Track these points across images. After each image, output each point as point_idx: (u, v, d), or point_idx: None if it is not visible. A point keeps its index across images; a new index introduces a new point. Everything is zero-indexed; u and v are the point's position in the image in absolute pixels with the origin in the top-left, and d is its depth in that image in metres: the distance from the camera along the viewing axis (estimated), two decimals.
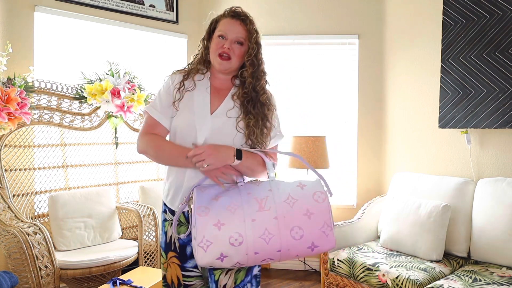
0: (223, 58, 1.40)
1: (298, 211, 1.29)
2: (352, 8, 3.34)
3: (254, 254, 1.26)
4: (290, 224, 1.27)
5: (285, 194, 1.32)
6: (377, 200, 2.96)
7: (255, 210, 1.27)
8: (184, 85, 1.44)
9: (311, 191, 1.33)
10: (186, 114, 1.41)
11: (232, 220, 1.25)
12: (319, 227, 1.29)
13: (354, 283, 2.40)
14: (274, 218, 1.27)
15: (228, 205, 1.28)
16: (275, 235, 1.26)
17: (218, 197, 1.31)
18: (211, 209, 1.27)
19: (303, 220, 1.28)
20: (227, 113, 1.41)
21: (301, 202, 1.30)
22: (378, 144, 3.35)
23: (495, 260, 2.29)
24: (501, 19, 2.44)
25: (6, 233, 2.27)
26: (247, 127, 1.40)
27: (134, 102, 2.92)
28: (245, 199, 1.30)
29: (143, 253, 2.71)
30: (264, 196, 1.30)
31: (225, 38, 1.40)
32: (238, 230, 1.24)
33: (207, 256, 1.24)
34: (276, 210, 1.27)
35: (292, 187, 1.34)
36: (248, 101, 1.42)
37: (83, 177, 2.96)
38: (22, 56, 2.72)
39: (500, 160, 2.55)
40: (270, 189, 1.33)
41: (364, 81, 3.35)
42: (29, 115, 2.45)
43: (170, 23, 3.49)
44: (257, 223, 1.26)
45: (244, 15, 1.43)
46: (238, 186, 1.36)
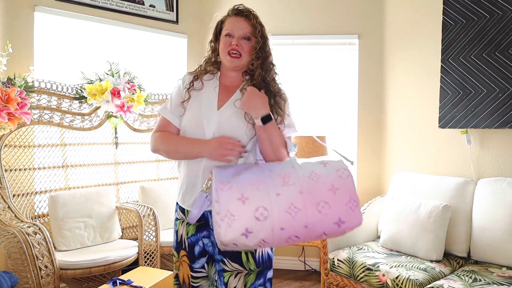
0: (233, 56, 1.42)
1: (323, 186, 1.25)
2: (352, 8, 3.34)
3: (280, 229, 1.21)
4: (316, 198, 1.23)
5: (308, 170, 1.28)
6: (377, 200, 2.96)
7: (280, 185, 1.23)
8: (193, 85, 1.47)
9: (334, 168, 1.30)
10: (193, 111, 1.44)
11: (257, 194, 1.20)
12: (345, 202, 1.25)
13: (354, 283, 2.40)
14: (299, 193, 1.22)
15: (251, 181, 1.23)
16: (301, 209, 1.21)
17: (240, 173, 1.26)
18: (233, 184, 1.22)
19: (328, 195, 1.24)
20: (234, 103, 1.42)
21: (325, 177, 1.27)
22: (378, 144, 3.35)
23: (495, 260, 2.29)
24: (501, 19, 2.44)
25: (6, 233, 2.27)
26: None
27: (134, 102, 2.92)
28: (268, 175, 1.25)
29: (143, 253, 2.72)
30: (287, 172, 1.26)
31: (232, 36, 1.43)
32: (263, 203, 1.19)
33: (232, 232, 1.18)
34: (301, 185, 1.24)
35: (314, 165, 1.31)
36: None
37: (83, 177, 2.96)
38: (22, 56, 2.72)
39: (500, 160, 2.55)
40: (292, 166, 1.29)
41: (364, 81, 3.35)
42: (29, 115, 2.45)
43: (170, 23, 3.49)
44: (283, 197, 1.21)
45: (247, 11, 1.47)
46: (259, 164, 1.33)
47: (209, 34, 3.65)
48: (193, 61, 3.61)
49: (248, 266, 1.40)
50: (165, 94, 3.26)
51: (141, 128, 3.16)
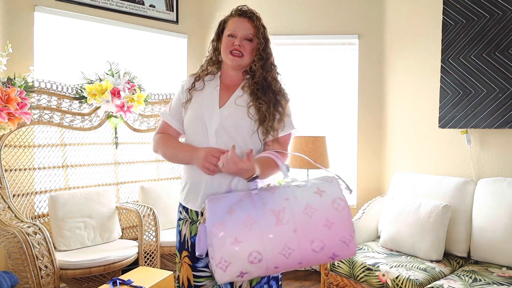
0: (235, 55, 1.43)
1: (317, 222, 1.22)
2: (352, 8, 3.34)
3: (274, 268, 1.23)
4: (310, 236, 1.21)
5: (303, 203, 1.24)
6: (377, 200, 2.96)
7: (273, 225, 1.21)
8: (194, 86, 1.50)
9: (330, 198, 1.25)
10: (194, 110, 1.46)
11: (250, 237, 1.19)
12: (339, 238, 1.23)
13: (354, 283, 2.40)
14: (293, 232, 1.21)
15: (243, 220, 1.21)
16: (295, 249, 1.21)
17: (232, 210, 1.24)
18: (226, 225, 1.21)
19: (323, 231, 1.22)
20: (235, 101, 1.43)
21: (320, 212, 1.23)
22: (378, 144, 3.35)
23: (495, 260, 2.29)
24: (501, 19, 2.44)
25: (6, 233, 2.27)
26: (258, 112, 1.40)
27: (134, 102, 2.92)
28: (261, 212, 1.23)
29: (143, 253, 2.71)
30: (281, 207, 1.23)
31: (234, 36, 1.44)
32: (256, 248, 1.19)
33: (227, 276, 1.21)
34: (295, 223, 1.21)
35: (310, 195, 1.26)
36: (258, 89, 1.44)
37: (83, 177, 2.96)
38: (22, 56, 2.72)
39: (500, 160, 2.55)
40: (286, 198, 1.25)
41: (364, 81, 3.35)
42: (29, 115, 2.45)
43: (170, 23, 3.49)
44: (276, 239, 1.20)
45: (250, 12, 1.48)
46: (252, 195, 1.29)
47: (209, 34, 3.66)
48: (193, 61, 3.61)
49: None
50: (165, 94, 3.26)
51: (141, 128, 3.16)
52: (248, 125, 1.40)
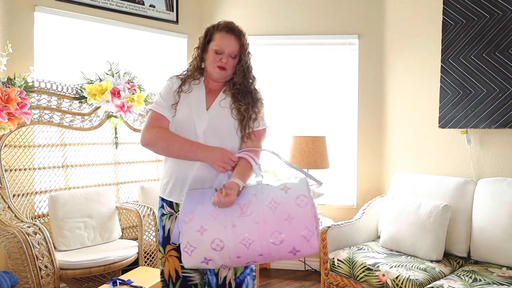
0: (221, 69, 1.55)
1: (279, 216, 1.29)
2: (352, 8, 3.34)
3: (237, 257, 1.31)
4: (271, 229, 1.28)
5: (269, 198, 1.33)
6: (377, 200, 2.96)
7: (237, 216, 1.30)
8: (182, 89, 1.57)
9: (294, 194, 1.33)
10: (183, 111, 1.54)
11: (214, 225, 1.30)
12: (300, 233, 1.28)
13: (354, 283, 2.40)
14: (255, 223, 1.29)
15: (211, 211, 1.32)
16: (255, 240, 1.29)
17: (204, 202, 1.35)
18: (195, 215, 1.32)
19: (283, 225, 1.28)
20: (220, 103, 1.56)
21: (283, 206, 1.30)
22: (378, 144, 3.35)
23: (495, 260, 2.29)
24: (501, 19, 2.44)
25: (6, 233, 2.26)
26: (238, 113, 1.54)
27: (134, 102, 2.92)
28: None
29: (143, 253, 2.71)
30: (247, 201, 1.33)
31: (222, 53, 1.54)
32: (218, 235, 1.29)
33: (192, 260, 1.32)
34: (258, 215, 1.30)
35: (276, 190, 1.35)
36: (239, 93, 1.57)
37: (83, 177, 2.96)
38: (22, 56, 2.71)
39: (500, 160, 2.55)
40: (254, 193, 1.36)
41: (364, 81, 3.35)
42: (29, 115, 2.45)
43: (170, 23, 3.49)
44: (238, 229, 1.29)
45: (238, 30, 1.57)
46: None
47: None
48: None
49: None
50: None
51: (141, 128, 3.16)
52: (232, 124, 1.54)
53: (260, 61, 3.55)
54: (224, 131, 1.53)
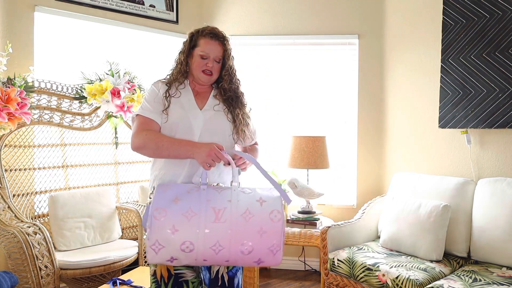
0: (207, 74, 1.59)
1: (252, 227, 1.32)
2: (352, 8, 3.34)
3: (203, 260, 1.32)
4: (242, 239, 1.31)
5: (244, 207, 1.34)
6: (377, 200, 2.96)
7: (211, 221, 1.31)
8: (169, 94, 1.58)
9: (269, 208, 1.36)
10: (177, 112, 1.55)
11: (187, 227, 1.29)
12: (268, 246, 1.33)
13: (354, 283, 2.40)
14: (228, 230, 1.31)
15: (185, 211, 1.30)
16: (225, 247, 1.30)
17: (177, 200, 1.33)
18: (168, 213, 1.30)
19: (255, 237, 1.32)
20: (214, 108, 1.60)
21: (257, 218, 1.33)
22: (378, 144, 3.35)
23: (495, 260, 2.29)
24: (501, 19, 2.44)
25: (6, 233, 2.27)
26: (235, 118, 1.59)
27: (134, 102, 2.92)
28: (203, 208, 1.32)
29: (143, 253, 2.71)
30: (222, 207, 1.33)
31: (207, 58, 1.57)
32: (190, 238, 1.28)
33: (157, 258, 1.31)
34: (231, 224, 1.31)
35: (252, 201, 1.37)
36: (232, 99, 1.62)
37: (83, 177, 2.96)
38: (22, 56, 2.71)
39: (500, 160, 2.55)
40: (230, 200, 1.36)
41: (364, 81, 3.35)
42: (29, 115, 2.45)
43: (170, 23, 3.49)
44: (210, 234, 1.29)
45: (222, 36, 1.60)
46: (200, 189, 1.38)
47: None
48: None
49: None
50: None
51: None
52: (227, 127, 1.59)
53: (260, 61, 3.55)
54: (220, 133, 1.57)
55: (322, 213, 3.25)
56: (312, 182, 3.26)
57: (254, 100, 3.30)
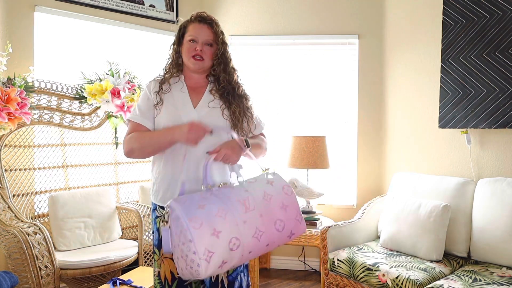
0: (197, 59, 1.52)
1: (275, 205, 1.40)
2: (352, 8, 3.34)
3: (248, 253, 1.33)
4: (273, 218, 1.37)
5: (261, 192, 1.40)
6: (377, 200, 2.96)
7: (243, 212, 1.32)
8: (162, 88, 1.54)
9: (280, 186, 1.45)
10: (169, 111, 1.51)
11: (226, 225, 1.28)
12: (294, 217, 1.43)
13: (354, 283, 2.40)
14: (260, 216, 1.34)
15: (216, 212, 1.29)
16: (264, 231, 1.34)
17: (202, 206, 1.30)
18: (202, 218, 1.26)
19: (281, 213, 1.40)
20: (208, 105, 1.54)
21: (275, 197, 1.41)
22: (378, 144, 3.35)
23: (495, 260, 2.29)
24: (501, 19, 2.44)
25: (6, 233, 2.26)
26: (233, 115, 1.53)
27: (134, 102, 2.92)
28: (229, 203, 1.32)
29: (143, 253, 2.71)
30: (245, 197, 1.36)
31: (196, 41, 1.53)
32: (235, 234, 1.28)
33: (211, 268, 1.24)
34: (260, 208, 1.36)
35: (264, 185, 1.43)
36: (228, 93, 1.55)
37: (83, 177, 2.96)
38: (22, 56, 2.71)
39: (500, 160, 2.55)
40: (246, 190, 1.39)
41: (364, 81, 3.35)
42: (29, 115, 2.45)
43: (170, 23, 3.49)
44: (248, 224, 1.32)
45: (210, 19, 1.57)
46: (213, 192, 1.37)
47: None
48: None
49: None
50: None
51: None
52: (224, 125, 1.53)
53: (260, 61, 3.55)
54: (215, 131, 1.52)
55: (322, 213, 3.25)
56: (312, 182, 3.26)
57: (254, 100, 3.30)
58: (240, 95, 1.58)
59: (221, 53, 1.55)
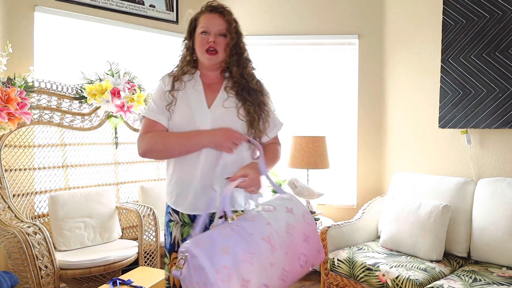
0: (210, 52, 1.41)
1: (298, 238, 1.27)
2: (352, 8, 3.34)
3: None
4: (297, 253, 1.26)
5: (283, 223, 1.27)
6: (377, 200, 2.96)
7: (269, 253, 1.20)
8: (174, 87, 1.45)
9: (299, 213, 1.32)
10: (182, 111, 1.41)
11: (254, 272, 1.15)
12: (316, 248, 1.31)
13: (354, 283, 2.39)
14: (285, 254, 1.23)
15: (243, 257, 1.15)
16: (289, 271, 1.23)
17: (226, 249, 1.15)
18: (230, 269, 1.12)
19: (304, 246, 1.28)
20: (223, 104, 1.43)
21: (298, 228, 1.29)
22: (378, 144, 3.35)
23: (495, 260, 2.29)
24: (501, 19, 2.44)
25: (6, 233, 2.26)
26: (248, 114, 1.41)
27: (134, 102, 2.92)
28: (254, 243, 1.19)
29: (143, 253, 2.71)
30: (268, 233, 1.22)
31: (208, 33, 1.42)
32: (264, 281, 1.16)
33: None
34: (284, 245, 1.23)
35: (284, 214, 1.30)
36: (242, 89, 1.44)
37: (83, 177, 2.96)
38: (22, 56, 2.72)
39: (500, 160, 2.55)
40: (268, 223, 1.25)
41: (364, 81, 3.35)
42: (29, 115, 2.45)
43: (170, 23, 3.49)
44: (275, 266, 1.20)
45: (221, 7, 1.45)
46: (233, 226, 1.23)
47: None
48: None
49: None
50: None
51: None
52: (240, 126, 1.41)
53: (260, 61, 3.55)
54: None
55: (322, 213, 3.25)
56: (312, 182, 3.26)
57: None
58: (254, 88, 1.45)
59: (234, 43, 1.43)
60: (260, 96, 1.46)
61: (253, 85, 1.45)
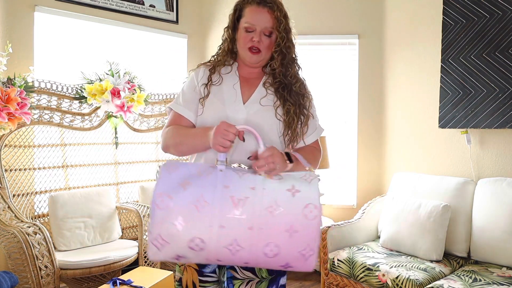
0: (254, 52, 1.30)
1: (280, 224, 1.05)
2: (352, 8, 3.34)
3: (216, 260, 1.10)
4: (266, 239, 1.05)
5: (269, 198, 1.06)
6: (377, 200, 2.96)
7: (227, 214, 1.05)
8: (211, 79, 1.33)
9: (303, 201, 1.07)
10: (215, 107, 1.30)
11: (197, 220, 1.04)
12: (299, 249, 1.06)
13: (354, 283, 2.40)
14: (248, 229, 1.04)
15: (195, 199, 1.05)
16: (244, 248, 1.05)
17: (187, 184, 1.07)
18: (174, 200, 1.04)
19: (282, 237, 1.05)
20: (260, 101, 1.31)
21: (286, 213, 1.06)
22: (378, 144, 3.35)
23: (495, 260, 2.29)
24: (501, 19, 2.44)
25: (6, 233, 2.26)
26: (287, 114, 1.30)
27: (134, 102, 2.92)
28: (218, 196, 1.06)
29: (143, 253, 2.71)
30: (243, 196, 1.06)
31: (253, 30, 1.29)
32: (201, 235, 1.04)
33: (160, 255, 1.08)
34: (253, 220, 1.05)
35: (281, 190, 1.09)
36: (283, 88, 1.32)
37: (83, 177, 2.96)
38: (22, 56, 2.72)
39: (500, 160, 2.55)
40: (253, 187, 1.08)
41: (364, 81, 3.35)
42: (29, 115, 2.45)
43: (170, 23, 3.49)
44: (226, 231, 1.04)
45: (270, 1, 1.29)
46: (216, 171, 1.11)
47: (209, 34, 3.66)
48: (193, 61, 3.61)
49: (260, 274, 1.28)
50: (165, 94, 3.26)
51: (141, 128, 3.16)
52: (276, 126, 1.30)
53: None
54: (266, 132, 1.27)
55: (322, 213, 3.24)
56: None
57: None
58: (296, 92, 1.33)
59: (283, 42, 1.29)
60: (301, 100, 1.34)
61: (296, 88, 1.34)
